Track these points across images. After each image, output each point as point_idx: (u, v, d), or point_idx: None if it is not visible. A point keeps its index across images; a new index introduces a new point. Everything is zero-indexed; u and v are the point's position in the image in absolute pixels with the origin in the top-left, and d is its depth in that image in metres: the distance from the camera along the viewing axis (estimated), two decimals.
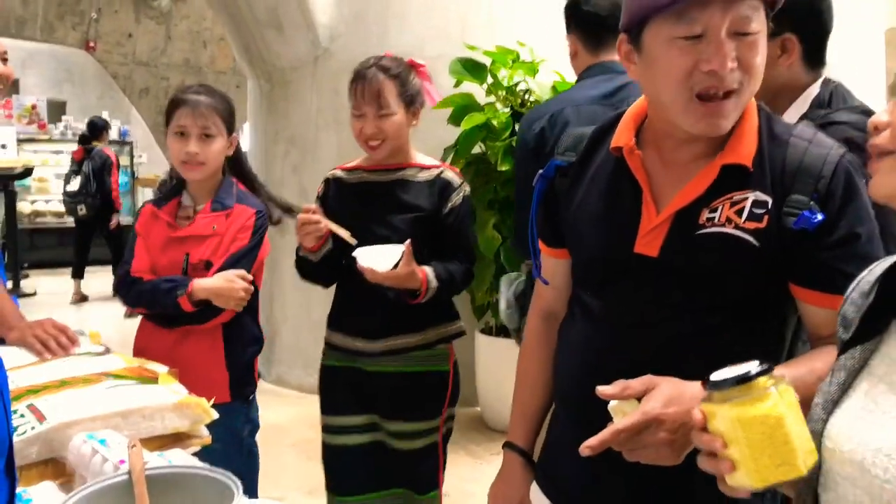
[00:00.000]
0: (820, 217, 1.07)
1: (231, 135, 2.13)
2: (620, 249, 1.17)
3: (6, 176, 7.89)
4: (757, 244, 1.10)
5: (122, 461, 1.09)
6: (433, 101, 2.16)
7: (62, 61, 11.57)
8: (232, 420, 2.05)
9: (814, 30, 1.62)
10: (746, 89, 1.09)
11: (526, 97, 3.65)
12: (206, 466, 1.07)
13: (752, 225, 1.10)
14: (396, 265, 1.91)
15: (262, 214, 2.11)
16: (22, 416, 1.24)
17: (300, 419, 3.97)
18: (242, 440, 2.11)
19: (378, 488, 2.13)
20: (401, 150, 2.11)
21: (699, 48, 1.05)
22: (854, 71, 7.76)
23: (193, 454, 1.30)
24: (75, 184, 7.41)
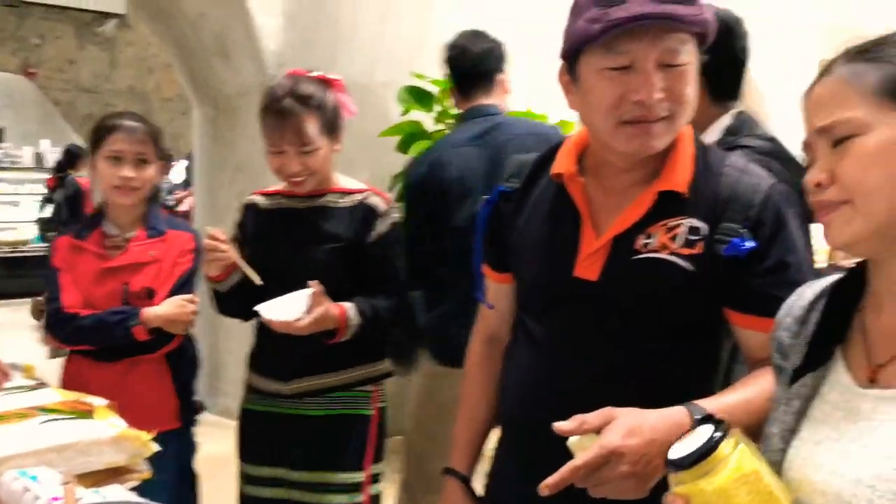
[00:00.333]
0: (750, 244, 1.10)
1: (160, 162, 2.12)
2: (561, 274, 1.19)
3: None
4: (691, 270, 1.12)
5: (55, 498, 1.05)
6: (350, 114, 2.00)
7: (1, 88, 11.30)
8: (181, 447, 2.10)
9: (717, 65, 1.63)
10: (677, 116, 1.12)
11: None
12: (144, 501, 1.04)
13: (687, 251, 1.13)
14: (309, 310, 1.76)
15: (199, 237, 2.09)
16: None
17: None
18: (189, 466, 2.12)
19: None
20: (326, 175, 1.95)
21: (628, 79, 1.08)
22: (789, 99, 7.99)
23: (133, 489, 1.26)
24: (47, 211, 7.67)
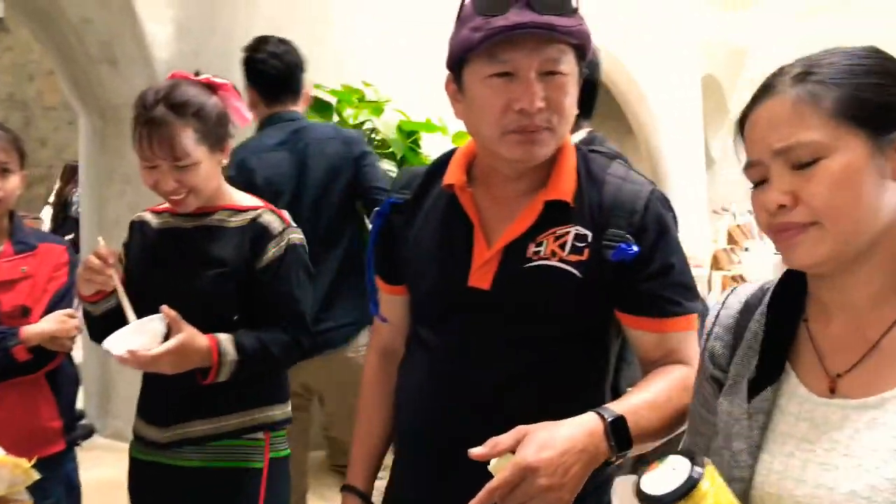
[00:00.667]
0: (636, 249, 1.15)
1: (24, 172, 2.02)
2: (455, 284, 1.20)
3: None
4: (580, 276, 1.16)
5: None
6: (243, 122, 1.82)
7: None
8: (67, 469, 2.02)
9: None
10: (559, 128, 1.15)
11: (372, 136, 3.68)
12: None
13: (575, 258, 1.16)
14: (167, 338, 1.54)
15: (71, 249, 2.03)
16: None
17: None
18: (76, 488, 2.05)
19: None
20: (216, 190, 1.73)
21: (511, 87, 1.11)
22: (674, 113, 8.38)
23: None
24: None
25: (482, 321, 1.19)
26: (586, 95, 1.78)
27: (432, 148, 3.06)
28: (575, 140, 1.78)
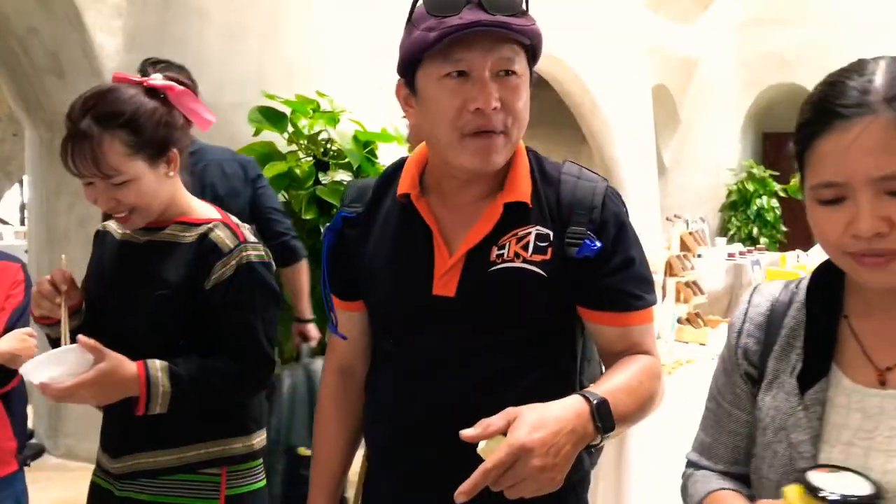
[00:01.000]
0: (598, 244, 1.16)
1: None
2: (419, 294, 1.19)
3: None
4: (545, 275, 1.16)
5: None
6: (204, 125, 1.61)
7: None
8: (17, 490, 1.99)
9: None
10: (513, 131, 1.16)
11: (328, 146, 3.66)
12: None
13: (539, 257, 1.17)
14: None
15: (26, 267, 2.00)
16: None
17: None
18: None
19: None
20: (171, 203, 1.57)
21: (466, 88, 1.11)
22: (627, 122, 8.50)
23: None
24: None
25: (449, 330, 1.18)
26: None
27: (388, 158, 3.06)
28: None
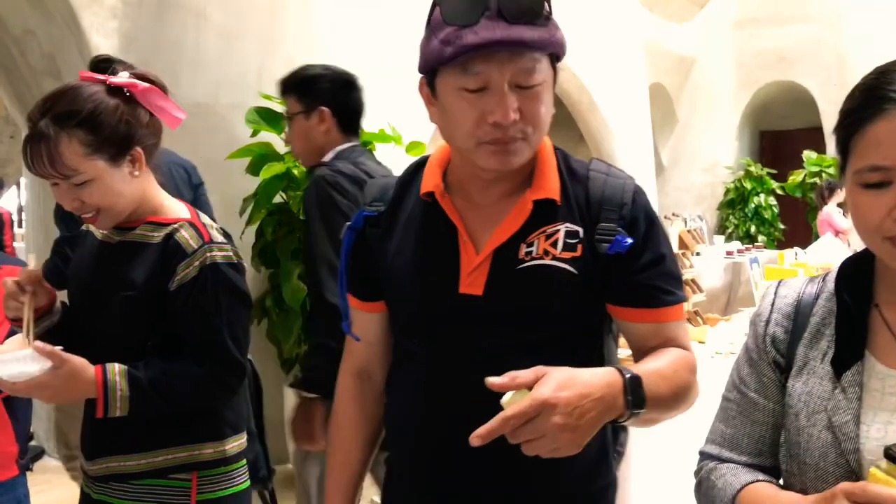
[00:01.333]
0: (629, 241, 1.15)
1: None
2: (445, 292, 1.18)
3: None
4: (575, 272, 1.15)
5: None
6: (174, 123, 1.58)
7: None
8: (19, 494, 1.98)
9: (342, 111, 2.41)
10: (532, 137, 1.14)
11: None
12: None
13: (568, 255, 1.16)
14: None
15: None
16: None
17: None
18: None
19: None
20: (141, 203, 1.56)
21: (484, 100, 1.10)
22: (624, 121, 8.51)
23: None
24: None
25: (477, 328, 1.17)
26: (353, 118, 2.45)
27: (387, 158, 3.06)
28: (339, 148, 2.33)
